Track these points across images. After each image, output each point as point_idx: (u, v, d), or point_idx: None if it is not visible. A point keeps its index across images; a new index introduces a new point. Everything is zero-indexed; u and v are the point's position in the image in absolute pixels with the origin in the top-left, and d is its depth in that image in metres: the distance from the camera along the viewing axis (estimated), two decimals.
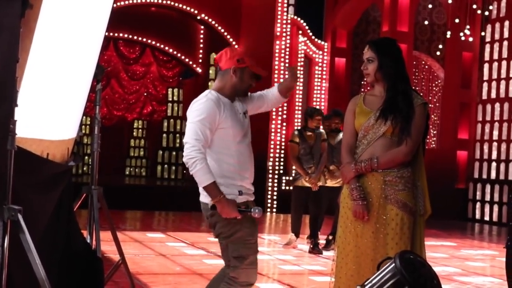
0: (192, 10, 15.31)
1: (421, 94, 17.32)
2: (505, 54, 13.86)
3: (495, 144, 14.12)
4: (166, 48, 17.32)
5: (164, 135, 18.52)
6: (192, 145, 3.66)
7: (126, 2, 14.71)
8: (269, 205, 14.47)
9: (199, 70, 17.43)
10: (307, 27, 15.47)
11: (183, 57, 17.46)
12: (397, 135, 3.72)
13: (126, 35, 16.97)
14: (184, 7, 15.29)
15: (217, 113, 3.75)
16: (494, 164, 14.12)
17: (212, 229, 3.89)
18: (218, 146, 3.80)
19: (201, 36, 17.30)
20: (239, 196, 3.79)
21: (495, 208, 13.94)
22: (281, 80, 16.26)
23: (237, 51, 3.96)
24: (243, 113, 3.97)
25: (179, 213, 13.21)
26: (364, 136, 3.77)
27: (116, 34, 16.77)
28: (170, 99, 18.82)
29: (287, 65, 14.82)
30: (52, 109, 3.87)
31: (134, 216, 12.85)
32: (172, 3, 15.19)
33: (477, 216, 14.42)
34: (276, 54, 14.72)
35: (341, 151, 3.93)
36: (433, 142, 18.19)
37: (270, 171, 14.52)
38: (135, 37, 17.16)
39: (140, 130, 20.17)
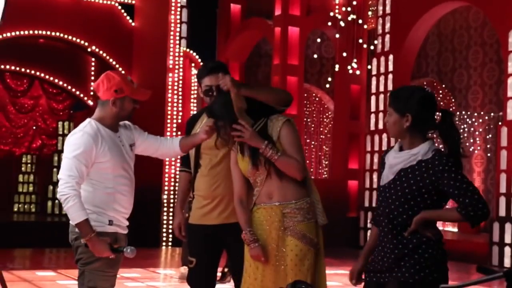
0: (82, 42, 15.05)
1: (306, 122, 17.69)
2: (390, 86, 14.38)
3: None
4: (56, 80, 16.90)
5: (55, 169, 17.96)
6: (65, 181, 3.60)
7: (13, 34, 14.26)
8: (164, 238, 14.28)
9: (90, 102, 17.11)
10: (199, 60, 15.54)
11: (73, 90, 17.08)
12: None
13: (13, 67, 16.44)
14: (74, 39, 14.98)
15: (94, 147, 3.66)
16: None
17: (74, 252, 3.80)
18: (95, 177, 3.72)
19: (92, 68, 17.00)
20: (108, 226, 3.71)
21: None
22: (174, 114, 15.93)
23: (115, 80, 3.75)
24: (129, 145, 3.86)
25: (71, 250, 12.80)
26: (254, 179, 3.79)
27: (2, 66, 16.23)
28: (61, 133, 18.32)
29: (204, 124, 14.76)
30: None
31: (23, 254, 12.35)
32: (61, 34, 14.86)
33: None
34: (169, 87, 14.68)
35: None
36: (325, 173, 18.59)
37: (165, 204, 14.36)
38: (23, 69, 16.64)
39: (29, 165, 19.49)
